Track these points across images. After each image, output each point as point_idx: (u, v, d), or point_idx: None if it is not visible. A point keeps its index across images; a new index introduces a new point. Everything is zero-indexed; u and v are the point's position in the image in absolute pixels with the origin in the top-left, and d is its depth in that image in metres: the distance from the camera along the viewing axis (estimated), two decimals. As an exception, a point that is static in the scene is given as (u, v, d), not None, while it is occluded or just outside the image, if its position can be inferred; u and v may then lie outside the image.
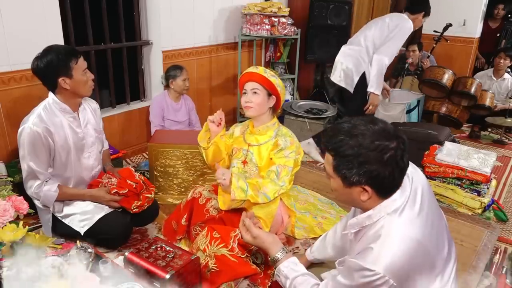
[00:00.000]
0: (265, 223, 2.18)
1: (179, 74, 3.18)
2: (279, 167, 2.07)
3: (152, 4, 3.37)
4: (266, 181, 2.05)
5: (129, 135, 3.43)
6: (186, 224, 2.12)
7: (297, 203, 2.66)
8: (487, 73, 4.70)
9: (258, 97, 2.07)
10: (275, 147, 2.13)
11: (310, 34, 4.32)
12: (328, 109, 4.22)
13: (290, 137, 2.15)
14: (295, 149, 2.14)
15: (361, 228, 1.21)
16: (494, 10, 5.36)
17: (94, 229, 2.05)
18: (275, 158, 2.10)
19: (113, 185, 2.14)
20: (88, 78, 2.03)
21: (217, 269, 1.86)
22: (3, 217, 1.23)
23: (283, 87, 2.15)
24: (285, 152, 2.10)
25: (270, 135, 2.17)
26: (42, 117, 1.96)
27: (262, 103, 2.09)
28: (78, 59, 1.96)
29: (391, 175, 1.10)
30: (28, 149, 1.92)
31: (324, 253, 1.61)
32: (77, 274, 1.14)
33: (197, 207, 2.10)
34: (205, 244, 1.92)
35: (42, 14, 2.61)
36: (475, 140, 4.23)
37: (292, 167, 2.10)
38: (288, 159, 2.09)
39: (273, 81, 2.06)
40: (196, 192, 2.16)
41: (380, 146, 1.08)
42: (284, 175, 2.06)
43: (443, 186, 2.86)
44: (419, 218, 1.14)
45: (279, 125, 2.23)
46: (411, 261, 1.08)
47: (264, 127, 2.18)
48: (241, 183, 1.97)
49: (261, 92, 2.07)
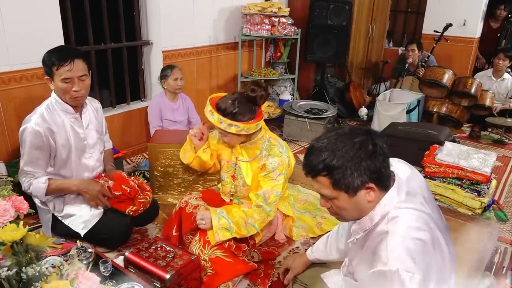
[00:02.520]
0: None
1: (170, 73, 3.15)
2: (266, 193, 1.97)
3: (152, 4, 3.37)
4: (252, 210, 1.97)
5: (129, 135, 3.43)
6: (178, 234, 2.10)
7: (297, 203, 2.66)
8: (486, 73, 4.70)
9: (227, 139, 1.99)
10: (263, 169, 2.01)
11: (310, 34, 4.32)
12: (328, 109, 4.22)
13: (278, 157, 1.99)
14: (284, 169, 2.01)
15: (364, 232, 1.20)
16: (496, 11, 5.35)
17: (94, 229, 2.05)
18: (263, 182, 2.00)
19: (109, 187, 2.13)
20: (68, 89, 1.91)
21: (213, 271, 1.86)
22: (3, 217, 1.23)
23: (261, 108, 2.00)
24: (273, 174, 1.98)
25: (257, 152, 2.05)
26: (45, 116, 1.95)
27: (236, 139, 1.99)
28: (60, 66, 1.85)
29: (384, 162, 1.12)
30: (28, 149, 1.92)
31: (327, 256, 1.61)
32: (77, 274, 1.14)
33: (185, 216, 2.07)
34: (199, 249, 1.92)
35: (42, 14, 2.61)
36: (475, 140, 4.23)
37: (280, 191, 2.01)
38: (277, 182, 1.99)
39: (231, 130, 1.87)
40: (182, 201, 2.13)
41: (361, 141, 1.10)
42: (272, 200, 1.97)
43: (443, 186, 2.86)
44: (421, 215, 1.13)
45: (266, 139, 2.06)
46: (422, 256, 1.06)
47: (251, 143, 2.06)
48: (222, 222, 1.92)
49: (228, 135, 1.95)
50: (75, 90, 1.93)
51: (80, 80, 1.93)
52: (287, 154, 2.06)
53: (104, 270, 1.46)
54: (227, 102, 1.89)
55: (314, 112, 4.08)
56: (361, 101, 4.89)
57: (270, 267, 2.09)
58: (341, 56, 4.50)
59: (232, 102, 1.89)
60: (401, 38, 6.67)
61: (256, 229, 1.99)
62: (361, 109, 4.67)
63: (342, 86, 4.96)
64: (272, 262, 2.13)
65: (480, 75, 4.71)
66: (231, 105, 1.88)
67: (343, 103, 4.80)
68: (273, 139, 2.09)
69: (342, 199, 1.14)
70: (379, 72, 5.48)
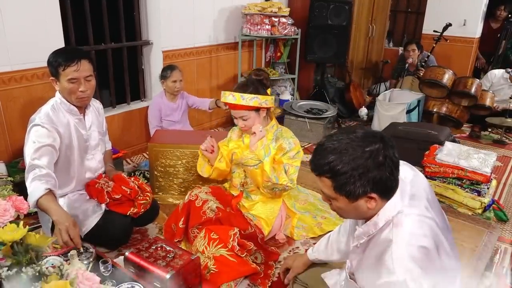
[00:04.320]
0: (266, 223, 2.18)
1: (169, 75, 3.15)
2: (286, 165, 2.12)
3: (152, 4, 3.37)
4: (281, 168, 2.11)
5: (129, 135, 3.43)
6: (184, 227, 2.11)
7: (297, 203, 2.66)
8: (503, 74, 4.55)
9: (249, 120, 2.10)
10: (280, 150, 2.14)
11: (310, 34, 4.32)
12: (328, 109, 4.22)
13: (292, 138, 2.18)
14: (300, 150, 2.18)
15: (368, 237, 1.20)
16: (496, 11, 5.35)
17: (94, 229, 2.05)
18: (282, 159, 2.13)
19: (109, 188, 2.13)
20: (74, 89, 1.92)
21: (217, 270, 1.87)
22: (3, 217, 1.23)
23: (268, 92, 2.17)
24: (290, 153, 2.13)
25: (270, 138, 2.17)
26: (51, 116, 1.95)
27: (255, 120, 2.11)
28: (66, 66, 1.86)
29: (391, 174, 1.10)
30: (35, 147, 1.87)
31: (328, 256, 1.61)
32: (77, 274, 1.14)
33: (193, 210, 2.09)
34: (203, 246, 1.92)
35: (42, 14, 2.61)
36: (475, 140, 4.23)
37: (299, 166, 2.16)
38: (295, 159, 2.14)
39: (254, 103, 2.03)
40: (193, 194, 2.15)
41: (372, 151, 1.07)
42: (292, 172, 2.12)
43: (443, 186, 2.86)
44: (424, 220, 1.13)
45: (278, 127, 2.24)
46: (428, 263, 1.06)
47: (265, 129, 2.17)
48: (266, 149, 2.07)
49: (249, 115, 2.09)
50: (82, 91, 1.94)
51: (86, 80, 1.94)
52: (298, 141, 2.21)
53: (104, 270, 1.46)
54: (242, 83, 2.16)
55: (314, 112, 4.08)
56: (361, 101, 4.89)
57: (270, 267, 2.09)
58: (341, 56, 4.50)
59: (246, 82, 2.16)
60: (401, 38, 6.67)
61: (276, 181, 2.08)
62: (361, 109, 4.67)
63: (342, 86, 4.96)
64: (272, 262, 2.14)
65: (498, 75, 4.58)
66: (246, 84, 2.10)
67: (343, 103, 4.80)
68: (283, 128, 2.27)
69: (341, 202, 1.14)
70: (379, 72, 5.48)
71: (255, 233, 2.10)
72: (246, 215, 2.17)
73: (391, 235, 1.10)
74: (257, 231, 2.12)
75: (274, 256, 2.17)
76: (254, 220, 2.15)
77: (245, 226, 2.07)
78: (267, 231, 2.18)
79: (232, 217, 2.09)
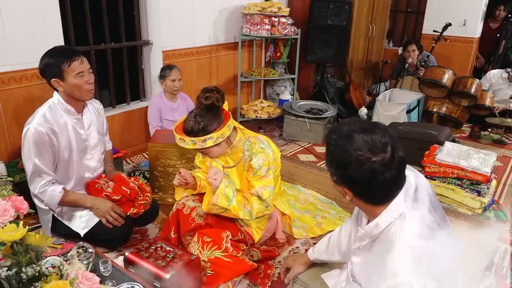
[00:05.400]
0: (256, 230, 2.14)
1: (168, 74, 3.15)
2: (259, 190, 1.97)
3: (152, 4, 3.37)
4: (254, 198, 1.98)
5: (129, 135, 3.43)
6: (176, 236, 2.09)
7: (297, 203, 2.66)
8: (502, 74, 4.56)
9: (210, 153, 1.98)
10: (250, 169, 2.00)
11: (310, 34, 4.32)
12: (328, 109, 4.22)
13: (261, 153, 1.99)
14: (271, 163, 2.01)
15: (370, 238, 1.20)
16: (495, 11, 5.35)
17: (94, 229, 2.05)
18: (253, 181, 2.00)
19: (109, 188, 2.13)
20: (83, 82, 1.96)
21: (213, 272, 1.86)
22: (3, 217, 1.23)
23: (222, 115, 1.95)
24: (261, 171, 1.98)
25: (239, 155, 2.05)
26: (47, 117, 1.95)
27: (217, 151, 1.98)
28: (71, 61, 1.91)
29: (368, 187, 1.09)
30: (33, 149, 1.91)
31: (329, 256, 1.61)
32: (77, 274, 1.14)
33: (182, 218, 2.07)
34: (198, 250, 1.90)
35: (42, 14, 2.61)
36: (475, 140, 4.23)
37: (273, 185, 2.02)
38: (267, 178, 1.99)
39: (209, 143, 1.86)
40: (180, 203, 2.11)
41: (361, 156, 1.07)
42: (266, 196, 1.98)
43: (443, 186, 2.86)
44: (426, 222, 1.13)
45: (245, 139, 2.06)
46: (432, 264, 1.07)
47: (231, 147, 2.04)
48: (228, 191, 1.92)
49: (208, 150, 1.95)
50: (90, 82, 2.00)
51: (89, 72, 2.01)
52: (270, 148, 2.04)
53: (104, 270, 1.46)
54: (190, 122, 1.90)
55: (314, 112, 4.08)
56: (361, 101, 4.89)
57: (270, 267, 2.09)
58: (341, 56, 4.50)
59: (194, 120, 1.89)
60: (401, 38, 6.67)
61: (251, 218, 1.98)
62: (361, 109, 4.67)
63: (342, 86, 4.96)
64: (272, 262, 2.14)
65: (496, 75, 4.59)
66: (195, 123, 1.88)
67: (343, 103, 4.80)
68: (252, 137, 2.08)
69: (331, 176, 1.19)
70: (379, 72, 5.48)
71: (245, 239, 2.08)
72: (236, 221, 2.11)
73: (393, 237, 1.11)
74: (247, 237, 2.09)
75: (271, 253, 2.17)
76: (244, 226, 2.11)
77: (235, 232, 2.05)
78: (257, 238, 2.14)
79: (222, 220, 2.05)
